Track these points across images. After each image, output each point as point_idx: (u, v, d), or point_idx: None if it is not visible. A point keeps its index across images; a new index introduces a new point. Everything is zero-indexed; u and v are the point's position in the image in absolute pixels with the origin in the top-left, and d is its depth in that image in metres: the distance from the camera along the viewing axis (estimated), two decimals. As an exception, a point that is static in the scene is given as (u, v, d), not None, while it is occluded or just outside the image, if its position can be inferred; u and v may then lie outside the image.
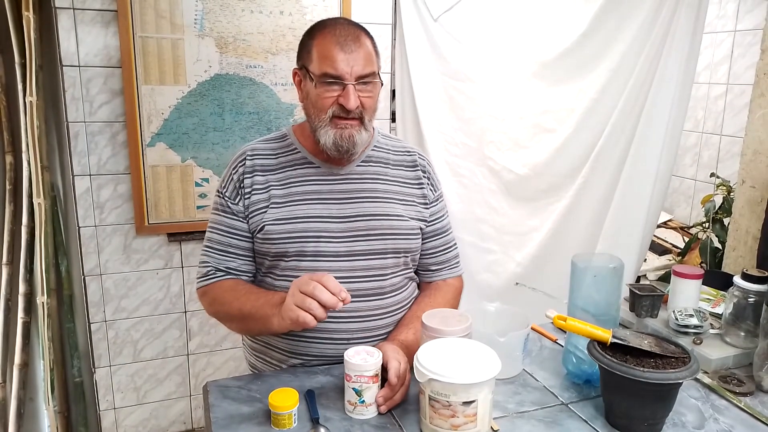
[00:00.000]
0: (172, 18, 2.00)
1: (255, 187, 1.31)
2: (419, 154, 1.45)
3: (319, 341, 1.29)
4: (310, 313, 1.07)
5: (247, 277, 1.35)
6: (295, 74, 1.32)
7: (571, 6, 2.14)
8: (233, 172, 1.33)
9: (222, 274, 1.32)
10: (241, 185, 1.31)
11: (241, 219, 1.32)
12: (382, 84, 1.30)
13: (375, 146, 1.41)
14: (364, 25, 1.30)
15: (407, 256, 1.37)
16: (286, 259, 1.29)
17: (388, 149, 1.42)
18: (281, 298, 1.16)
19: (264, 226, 1.28)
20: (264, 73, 2.15)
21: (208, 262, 1.33)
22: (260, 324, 1.22)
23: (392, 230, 1.33)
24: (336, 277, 1.10)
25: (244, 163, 1.33)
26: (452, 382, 0.96)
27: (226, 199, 1.33)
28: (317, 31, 1.27)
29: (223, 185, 1.34)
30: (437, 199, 1.44)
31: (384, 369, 1.11)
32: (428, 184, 1.42)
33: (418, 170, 1.42)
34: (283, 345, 1.31)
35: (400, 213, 1.35)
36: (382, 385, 1.10)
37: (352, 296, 1.27)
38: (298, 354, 1.30)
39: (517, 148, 2.29)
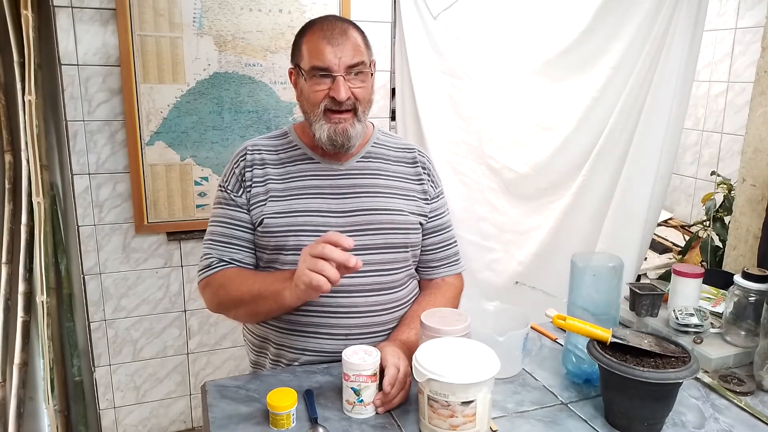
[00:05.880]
0: (171, 16, 2.00)
1: (255, 180, 1.32)
2: (419, 151, 1.45)
3: (318, 336, 1.29)
4: (324, 275, 1.06)
5: (249, 269, 1.34)
6: (290, 74, 1.35)
7: (572, 4, 2.14)
8: (235, 166, 1.35)
9: (224, 264, 1.31)
10: (243, 178, 1.33)
11: (244, 211, 1.32)
12: (372, 74, 1.31)
13: (375, 143, 1.41)
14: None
15: (407, 251, 1.36)
16: (285, 252, 1.29)
17: (389, 146, 1.43)
18: (291, 273, 1.16)
19: (263, 219, 1.29)
20: (263, 72, 2.14)
21: (211, 254, 1.32)
22: (271, 301, 1.22)
23: (392, 224, 1.33)
24: None
25: (245, 158, 1.35)
26: (451, 382, 0.96)
27: (229, 192, 1.33)
28: (307, 29, 1.30)
29: (225, 180, 1.36)
30: (438, 196, 1.44)
31: (382, 371, 1.10)
32: (428, 180, 1.43)
33: (418, 166, 1.42)
34: (282, 340, 1.31)
35: (401, 207, 1.35)
36: (380, 385, 1.09)
37: (352, 292, 1.27)
38: (297, 349, 1.30)
39: (518, 146, 2.28)
